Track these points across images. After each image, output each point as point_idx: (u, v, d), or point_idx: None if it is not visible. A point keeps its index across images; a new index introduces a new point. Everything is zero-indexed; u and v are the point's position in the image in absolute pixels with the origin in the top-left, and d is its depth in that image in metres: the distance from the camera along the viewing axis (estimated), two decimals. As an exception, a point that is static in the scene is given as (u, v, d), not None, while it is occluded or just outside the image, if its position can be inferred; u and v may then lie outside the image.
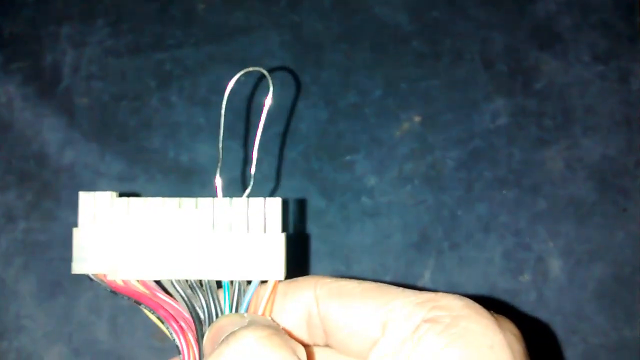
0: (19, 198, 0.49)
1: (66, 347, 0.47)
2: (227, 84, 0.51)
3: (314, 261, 0.49)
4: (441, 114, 0.51)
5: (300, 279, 0.33)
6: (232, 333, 0.27)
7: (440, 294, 0.28)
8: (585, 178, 0.50)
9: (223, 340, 0.27)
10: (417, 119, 0.51)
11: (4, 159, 0.50)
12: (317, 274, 0.48)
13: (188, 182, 0.50)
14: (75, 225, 0.31)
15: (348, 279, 0.32)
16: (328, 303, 0.31)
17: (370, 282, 0.31)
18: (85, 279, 0.48)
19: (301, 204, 0.49)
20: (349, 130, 0.50)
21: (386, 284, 0.31)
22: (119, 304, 0.47)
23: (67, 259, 0.48)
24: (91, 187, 0.49)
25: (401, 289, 0.30)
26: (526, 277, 0.48)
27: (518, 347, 0.27)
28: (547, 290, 0.48)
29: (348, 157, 0.50)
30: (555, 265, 0.48)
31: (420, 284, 0.48)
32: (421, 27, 0.52)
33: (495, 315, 0.28)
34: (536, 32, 0.52)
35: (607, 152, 0.50)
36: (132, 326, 0.47)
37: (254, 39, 0.53)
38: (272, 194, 0.49)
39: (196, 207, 0.31)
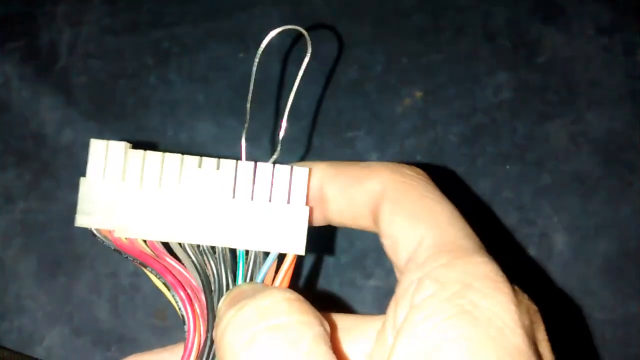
0: (17, 178, 0.49)
1: (67, 326, 0.46)
2: (227, 59, 0.51)
3: (315, 238, 0.48)
4: (443, 89, 0.50)
5: (372, 165, 0.31)
6: (260, 289, 0.27)
7: (470, 254, 0.26)
8: (589, 152, 0.49)
9: (248, 296, 0.26)
10: (418, 94, 0.50)
11: (2, 139, 0.50)
12: (316, 251, 0.48)
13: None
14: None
15: (412, 182, 0.30)
16: (390, 202, 0.29)
17: (442, 200, 0.29)
18: (85, 259, 0.48)
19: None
20: (350, 106, 0.50)
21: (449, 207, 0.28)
22: (119, 283, 0.47)
23: (67, 238, 0.48)
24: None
25: (457, 223, 0.28)
26: (530, 253, 0.48)
27: (534, 332, 0.25)
28: (551, 266, 0.47)
29: (349, 134, 0.49)
30: (560, 241, 0.48)
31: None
32: (422, 0, 0.52)
33: (517, 290, 0.26)
34: (539, 4, 0.52)
35: (612, 126, 0.50)
36: (133, 305, 0.47)
37: (253, 15, 0.52)
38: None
39: (217, 168, 0.29)
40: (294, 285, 0.29)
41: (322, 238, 0.48)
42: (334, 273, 0.47)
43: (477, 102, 0.50)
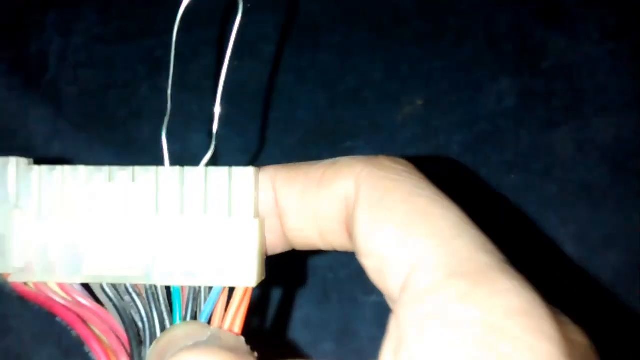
0: (5, 193, 0.47)
1: (55, 348, 0.45)
2: (220, 68, 0.49)
3: (313, 252, 0.47)
4: (444, 96, 0.49)
5: (340, 161, 0.24)
6: (180, 351, 0.20)
7: (492, 276, 0.19)
8: (597, 161, 0.48)
9: (181, 349, 0.20)
10: (419, 102, 0.49)
11: (-11, 152, 0.48)
12: (316, 266, 0.46)
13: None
14: None
15: (396, 177, 0.22)
16: (368, 208, 0.22)
17: (421, 192, 0.22)
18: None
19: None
20: (349, 115, 0.48)
21: (439, 201, 0.21)
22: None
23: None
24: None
25: (466, 229, 0.20)
26: (537, 265, 0.46)
27: None
28: (559, 278, 0.46)
29: (348, 143, 0.48)
30: (568, 252, 0.46)
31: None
32: (422, 5, 0.50)
33: (564, 322, 0.19)
34: (542, 9, 0.50)
35: (619, 132, 0.48)
36: (125, 324, 0.45)
37: (248, 23, 0.50)
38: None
39: (133, 179, 0.23)
40: (256, 319, 0.24)
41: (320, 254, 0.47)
42: (333, 289, 0.46)
43: (480, 110, 0.48)
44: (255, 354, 0.21)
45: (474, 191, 0.47)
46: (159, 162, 0.48)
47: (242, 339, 0.22)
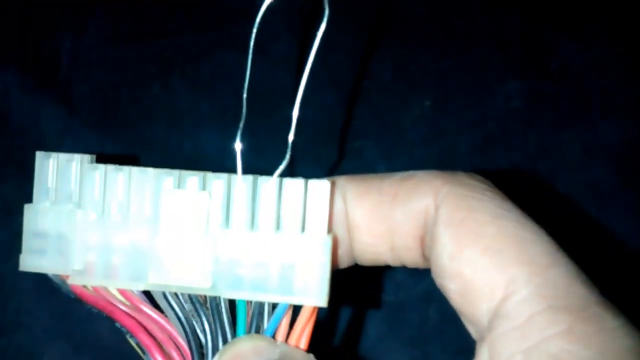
0: (18, 190, 0.48)
1: (67, 344, 0.45)
2: (232, 67, 0.50)
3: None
4: (453, 98, 0.49)
5: (417, 176, 0.22)
6: (264, 351, 0.20)
7: (597, 313, 0.18)
8: (604, 163, 0.48)
9: None
10: (428, 102, 0.49)
11: (2, 150, 0.49)
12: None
13: (193, 171, 0.48)
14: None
15: (479, 196, 0.21)
16: (452, 228, 0.20)
17: (507, 217, 0.20)
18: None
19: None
20: (357, 115, 0.49)
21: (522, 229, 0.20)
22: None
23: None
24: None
25: (559, 258, 0.19)
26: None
27: None
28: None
29: (356, 144, 0.48)
30: (575, 255, 0.46)
31: (433, 274, 0.46)
32: (431, 7, 0.50)
33: None
34: (551, 11, 0.50)
35: (627, 135, 0.48)
36: (135, 321, 0.46)
37: (260, 24, 0.51)
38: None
39: (203, 187, 0.22)
40: (316, 340, 0.22)
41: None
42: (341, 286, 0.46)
43: (488, 111, 0.49)
44: None
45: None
46: (170, 160, 0.48)
47: (312, 356, 0.21)
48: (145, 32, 0.51)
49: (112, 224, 0.22)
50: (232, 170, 0.24)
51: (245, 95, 0.24)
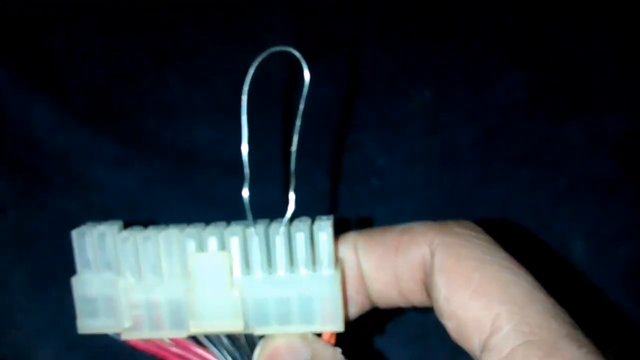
0: (9, 186, 0.47)
1: (61, 341, 0.44)
2: (229, 62, 0.49)
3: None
4: (454, 90, 0.48)
5: (413, 228, 0.26)
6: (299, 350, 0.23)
7: (566, 347, 0.21)
8: (608, 154, 0.47)
9: None
10: (428, 95, 0.48)
11: (-6, 145, 0.48)
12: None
13: (186, 165, 0.47)
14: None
15: (466, 243, 0.25)
16: (445, 274, 0.24)
17: (495, 263, 0.24)
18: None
19: (305, 187, 0.47)
20: (357, 107, 0.48)
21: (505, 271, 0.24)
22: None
23: (61, 249, 0.45)
24: (84, 172, 0.46)
25: (537, 296, 0.23)
26: (547, 260, 0.46)
27: None
28: (569, 274, 0.45)
29: (356, 136, 0.47)
30: (578, 247, 0.46)
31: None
32: (432, -3, 0.50)
33: None
34: (552, 2, 0.50)
35: (630, 126, 0.48)
36: (130, 319, 0.45)
37: (255, 14, 0.50)
38: (276, 177, 0.47)
39: (223, 247, 0.25)
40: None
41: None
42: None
43: (490, 103, 0.48)
44: None
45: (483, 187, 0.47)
46: (164, 155, 0.47)
47: (339, 351, 0.25)
48: (138, 24, 0.50)
49: (149, 285, 0.25)
50: (231, 168, 0.27)
51: (245, 153, 0.26)
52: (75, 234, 0.26)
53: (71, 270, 0.45)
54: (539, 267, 0.26)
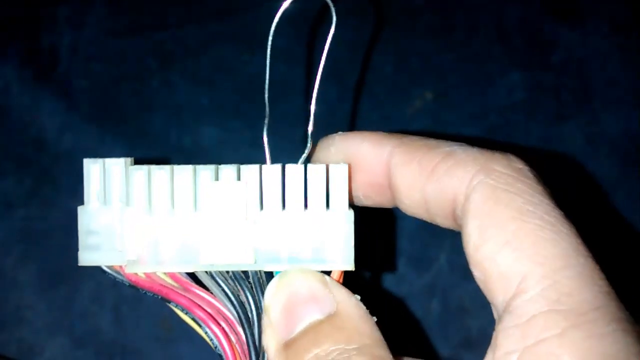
0: (17, 185, 0.47)
1: (68, 338, 0.45)
2: (231, 61, 0.49)
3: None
4: (455, 90, 0.49)
5: (455, 155, 0.24)
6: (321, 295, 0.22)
7: (596, 317, 0.19)
8: (607, 154, 0.48)
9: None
10: (429, 95, 0.49)
11: (2, 145, 0.48)
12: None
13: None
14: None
15: (508, 188, 0.22)
16: (478, 219, 0.21)
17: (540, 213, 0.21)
18: (87, 268, 0.46)
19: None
20: (359, 108, 0.48)
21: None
22: (122, 293, 0.45)
23: (68, 247, 0.46)
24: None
25: (575, 257, 0.20)
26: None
27: None
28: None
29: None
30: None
31: (435, 267, 0.46)
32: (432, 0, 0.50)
33: None
34: (552, 2, 0.50)
35: (629, 126, 0.48)
36: (137, 315, 0.45)
37: (259, 16, 0.51)
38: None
39: (238, 178, 0.25)
40: None
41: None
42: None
43: (490, 103, 0.48)
44: (375, 318, 0.23)
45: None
46: (170, 154, 0.48)
47: (358, 297, 0.24)
48: (145, 25, 0.50)
49: (159, 216, 0.25)
50: (233, 158, 0.26)
51: (267, 93, 0.28)
52: (85, 162, 0.26)
53: (79, 268, 0.46)
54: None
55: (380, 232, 0.46)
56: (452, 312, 0.45)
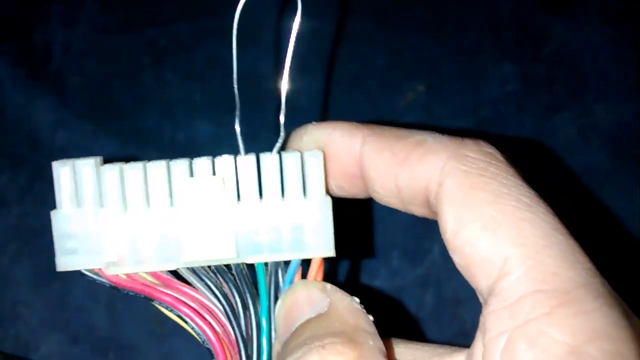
0: (11, 182, 0.48)
1: (64, 334, 0.45)
2: (225, 56, 0.49)
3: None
4: (447, 83, 0.49)
5: (426, 144, 0.23)
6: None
7: (580, 295, 0.19)
8: (599, 146, 0.48)
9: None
10: (421, 88, 0.49)
11: (-5, 142, 0.48)
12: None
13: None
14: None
15: (482, 173, 0.22)
16: (454, 205, 0.21)
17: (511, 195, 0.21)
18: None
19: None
20: (351, 102, 0.48)
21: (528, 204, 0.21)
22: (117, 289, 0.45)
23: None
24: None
25: (555, 236, 0.20)
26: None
27: None
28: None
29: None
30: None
31: (429, 259, 0.46)
32: (424, -8, 0.50)
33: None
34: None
35: (621, 118, 0.48)
36: (131, 311, 0.45)
37: (251, 11, 0.51)
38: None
39: (213, 172, 0.24)
40: None
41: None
42: (338, 273, 0.46)
43: (482, 96, 0.48)
44: (371, 317, 0.23)
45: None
46: (164, 150, 0.48)
47: (357, 299, 0.24)
48: (137, 22, 0.50)
49: (134, 216, 0.24)
50: (225, 152, 0.26)
51: (235, 85, 0.27)
52: (54, 165, 0.25)
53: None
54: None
55: (374, 225, 0.47)
56: (446, 304, 0.45)
